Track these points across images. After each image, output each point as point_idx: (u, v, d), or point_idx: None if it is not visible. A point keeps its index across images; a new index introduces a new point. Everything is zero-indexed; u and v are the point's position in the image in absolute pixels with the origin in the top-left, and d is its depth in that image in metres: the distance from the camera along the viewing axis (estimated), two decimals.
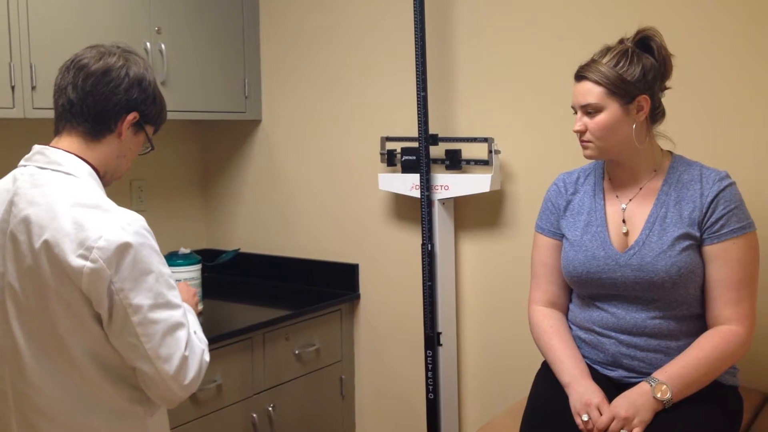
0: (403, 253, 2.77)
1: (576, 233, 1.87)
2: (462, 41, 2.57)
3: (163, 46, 2.62)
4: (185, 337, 1.49)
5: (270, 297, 2.94)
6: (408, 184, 2.60)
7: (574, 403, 1.74)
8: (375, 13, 2.76)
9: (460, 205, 2.63)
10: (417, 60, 2.48)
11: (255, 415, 2.51)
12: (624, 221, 1.82)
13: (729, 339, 1.71)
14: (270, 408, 2.57)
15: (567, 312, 1.95)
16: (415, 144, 2.55)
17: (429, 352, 2.56)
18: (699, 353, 1.71)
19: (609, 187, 1.88)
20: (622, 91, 1.72)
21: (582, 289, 1.87)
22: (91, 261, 1.40)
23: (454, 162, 2.56)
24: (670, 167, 1.81)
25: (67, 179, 1.49)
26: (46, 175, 1.50)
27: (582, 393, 1.73)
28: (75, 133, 1.54)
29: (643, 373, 1.75)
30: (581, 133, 1.79)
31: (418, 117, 2.51)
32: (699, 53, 2.13)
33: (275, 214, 3.11)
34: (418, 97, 2.50)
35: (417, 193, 2.57)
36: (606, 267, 1.78)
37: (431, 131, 2.55)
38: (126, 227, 1.44)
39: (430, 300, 2.55)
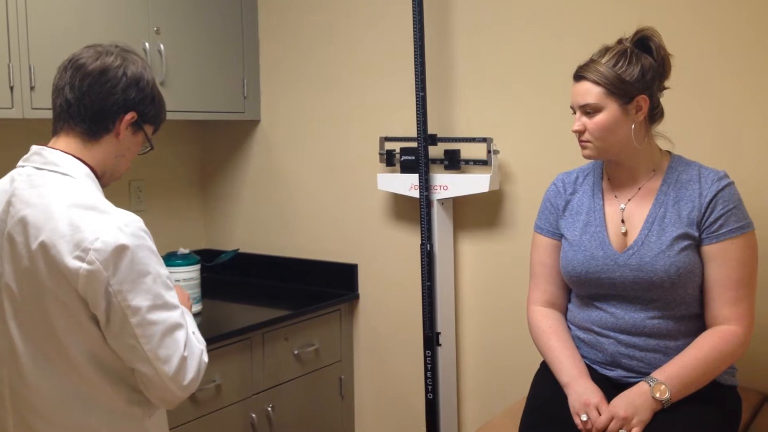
0: (402, 253, 2.77)
1: (575, 233, 1.87)
2: (461, 41, 2.57)
3: (162, 46, 2.62)
4: (184, 338, 1.49)
5: (269, 297, 2.94)
6: (407, 184, 2.60)
7: (572, 403, 1.74)
8: (374, 14, 2.76)
9: (459, 205, 2.63)
10: (416, 60, 2.48)
11: (254, 416, 2.51)
12: (623, 221, 1.82)
13: (728, 339, 1.71)
14: (269, 408, 2.57)
15: (566, 312, 1.95)
16: (414, 144, 2.55)
17: (428, 352, 2.56)
18: (698, 353, 1.71)
19: (608, 187, 1.88)
20: (620, 91, 1.72)
21: (581, 289, 1.87)
22: (88, 263, 1.40)
23: (453, 162, 2.56)
24: (668, 167, 1.81)
25: (64, 180, 1.48)
26: (42, 176, 1.49)
27: (581, 393, 1.73)
28: (72, 134, 1.53)
29: (642, 373, 1.75)
30: (580, 133, 1.79)
31: (417, 117, 2.51)
32: (698, 53, 2.13)
33: (274, 214, 3.11)
34: (417, 97, 2.50)
35: (416, 193, 2.57)
36: (605, 267, 1.78)
37: (430, 131, 2.55)
38: (123, 228, 1.43)
39: (429, 300, 2.55)
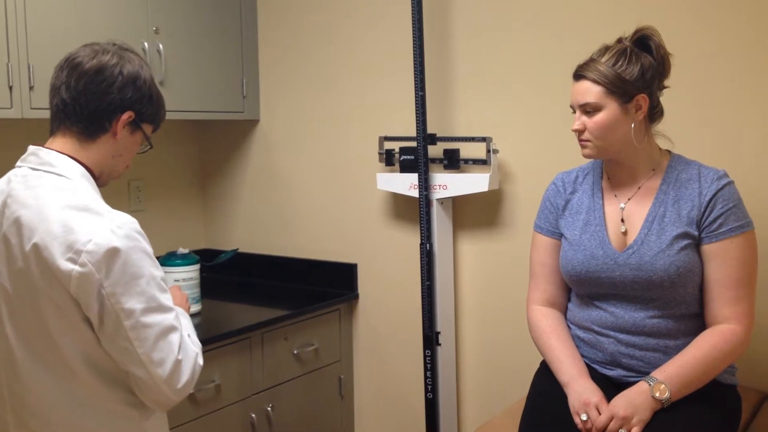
0: (402, 253, 2.76)
1: (575, 232, 1.86)
2: (460, 41, 2.57)
3: (161, 46, 2.62)
4: (178, 341, 1.48)
5: (269, 297, 2.93)
6: (406, 183, 2.60)
7: (572, 403, 1.74)
8: (373, 14, 2.76)
9: (458, 205, 2.63)
10: (415, 60, 2.48)
11: (254, 415, 2.51)
12: (622, 220, 1.82)
13: (727, 338, 1.71)
14: (269, 408, 2.56)
15: (566, 311, 1.95)
16: (414, 143, 2.55)
17: (428, 351, 2.56)
18: (697, 352, 1.71)
19: (608, 187, 1.88)
20: (620, 90, 1.72)
21: (581, 289, 1.87)
22: (80, 265, 1.38)
23: (452, 161, 2.56)
24: (668, 166, 1.81)
25: (59, 181, 1.47)
26: (38, 177, 1.48)
27: (581, 392, 1.73)
28: (69, 134, 1.52)
29: (642, 373, 1.75)
30: (580, 132, 1.79)
31: (416, 117, 2.51)
32: (697, 52, 2.13)
33: (274, 213, 3.11)
34: (416, 97, 2.49)
35: (415, 193, 2.57)
36: (605, 266, 1.78)
37: (429, 131, 2.55)
38: (116, 230, 1.41)
39: (428, 299, 2.55)
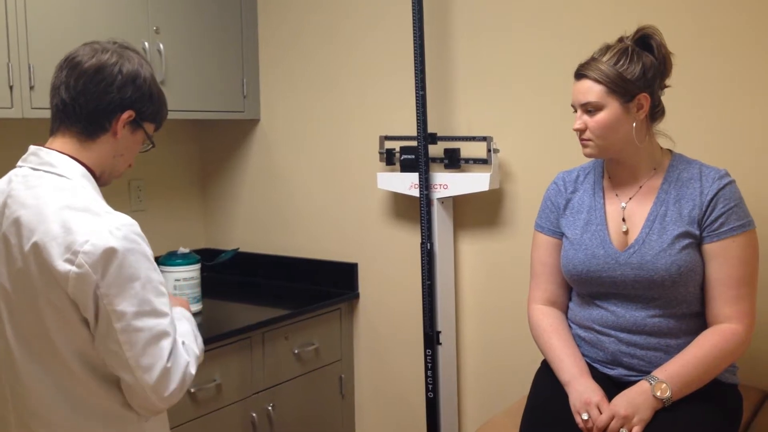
0: (403, 252, 2.76)
1: (576, 232, 1.86)
2: (461, 40, 2.57)
3: (162, 45, 2.62)
4: (169, 348, 1.45)
5: (269, 296, 2.93)
6: (407, 183, 2.60)
7: (573, 402, 1.74)
8: (374, 13, 2.76)
9: (459, 204, 2.63)
10: (416, 59, 2.48)
11: (254, 415, 2.51)
12: (624, 220, 1.82)
13: (728, 337, 1.71)
14: (269, 407, 2.56)
15: (567, 311, 1.95)
16: (414, 143, 2.55)
17: (428, 351, 2.56)
18: (698, 352, 1.71)
19: (609, 186, 1.88)
20: (622, 90, 1.72)
21: (582, 288, 1.86)
22: (77, 266, 1.37)
23: (452, 161, 2.55)
24: (669, 165, 1.81)
25: (59, 181, 1.46)
26: (38, 177, 1.48)
27: (582, 392, 1.73)
28: (69, 134, 1.51)
29: (643, 372, 1.75)
30: (581, 132, 1.79)
31: (416, 116, 2.50)
32: (698, 51, 2.13)
33: (274, 213, 3.11)
34: (416, 96, 2.49)
35: (416, 192, 2.57)
36: (606, 265, 1.78)
37: (430, 130, 2.55)
38: (114, 232, 1.40)
39: (429, 299, 2.55)
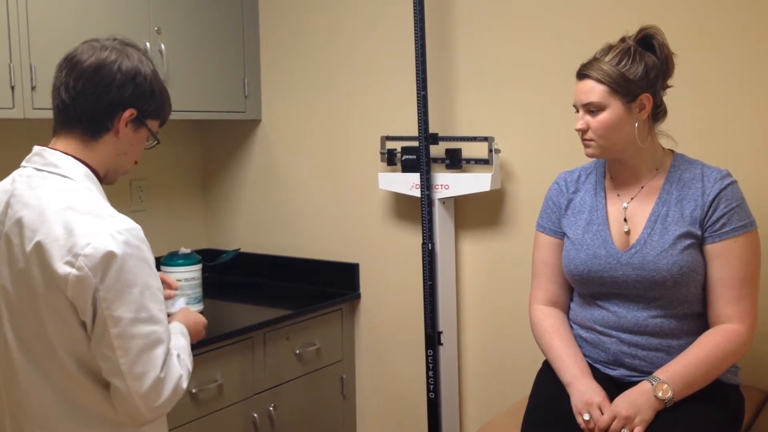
0: (404, 253, 2.76)
1: (577, 232, 1.86)
2: (462, 40, 2.57)
3: (163, 46, 2.62)
4: (163, 357, 1.42)
5: (270, 297, 2.93)
6: (408, 183, 2.60)
7: (575, 403, 1.74)
8: (375, 13, 2.76)
9: (460, 205, 2.63)
10: (417, 59, 2.48)
11: (256, 415, 2.51)
12: (625, 220, 1.81)
13: (730, 338, 1.71)
14: (271, 408, 2.56)
15: (568, 311, 1.95)
16: (416, 143, 2.55)
17: (429, 351, 2.55)
18: (700, 352, 1.70)
19: (610, 186, 1.87)
20: (624, 90, 1.72)
21: (583, 288, 1.86)
22: (77, 269, 1.36)
23: (454, 161, 2.55)
24: (671, 166, 1.81)
25: (63, 182, 1.45)
26: (42, 177, 1.47)
27: (583, 392, 1.73)
28: (71, 134, 1.50)
29: (645, 372, 1.75)
30: (583, 132, 1.79)
31: (418, 116, 2.50)
32: (700, 52, 2.13)
33: (275, 213, 3.11)
34: (418, 97, 2.49)
35: (417, 193, 2.57)
36: (607, 266, 1.78)
37: (431, 130, 2.55)
38: (116, 236, 1.38)
39: (430, 299, 2.55)
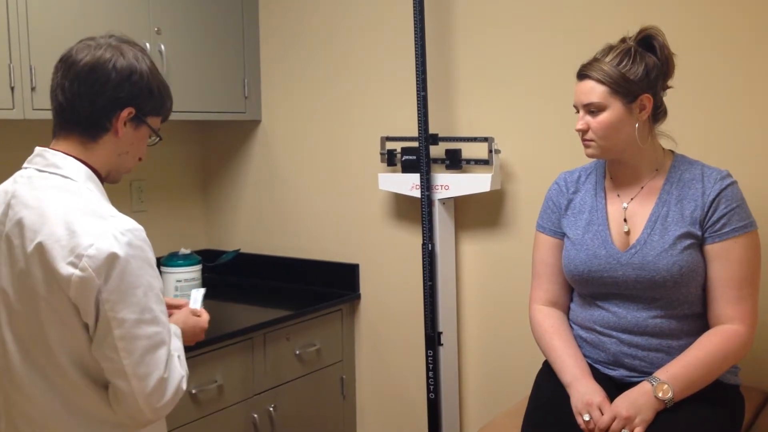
0: (404, 253, 2.76)
1: (577, 232, 1.86)
2: (462, 41, 2.57)
3: (163, 46, 2.61)
4: (165, 357, 1.43)
5: (270, 297, 2.93)
6: (408, 183, 2.60)
7: (575, 403, 1.74)
8: (375, 13, 2.76)
9: (460, 205, 2.63)
10: (417, 60, 2.48)
11: (256, 416, 2.51)
12: (625, 220, 1.81)
13: (731, 338, 1.71)
14: (271, 408, 2.56)
15: (568, 311, 1.95)
16: (415, 144, 2.55)
17: (430, 351, 2.55)
18: (700, 353, 1.71)
19: (610, 186, 1.87)
20: (624, 90, 1.72)
21: (583, 288, 1.86)
22: (80, 270, 1.35)
23: (454, 162, 2.55)
24: (671, 166, 1.81)
25: (64, 183, 1.45)
26: (43, 178, 1.46)
27: (583, 393, 1.73)
28: (71, 136, 1.49)
29: (645, 373, 1.75)
30: (583, 132, 1.79)
31: (418, 117, 2.50)
32: (701, 52, 2.13)
33: (275, 214, 3.11)
34: (418, 97, 2.49)
35: (417, 193, 2.57)
36: (607, 266, 1.78)
37: (431, 131, 2.55)
38: (119, 237, 1.38)
39: (430, 300, 2.55)
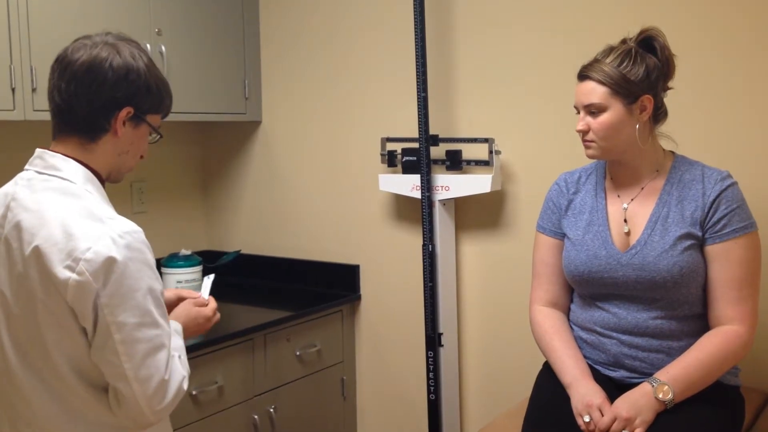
0: (404, 254, 2.76)
1: (577, 233, 1.86)
2: (462, 41, 2.57)
3: (164, 47, 2.62)
4: (166, 359, 1.42)
5: (271, 298, 2.93)
6: (409, 184, 2.60)
7: (575, 404, 1.74)
8: (375, 13, 2.76)
9: (460, 206, 2.63)
10: (417, 60, 2.48)
11: (256, 417, 2.51)
12: (625, 221, 1.81)
13: (731, 339, 1.71)
14: (271, 409, 2.56)
15: (568, 312, 1.95)
16: (416, 145, 2.55)
17: (430, 352, 2.55)
18: (701, 354, 1.71)
19: (611, 187, 1.87)
20: (625, 91, 1.72)
21: (583, 289, 1.86)
22: (78, 273, 1.33)
23: (454, 162, 2.55)
24: (672, 167, 1.81)
25: (63, 185, 1.43)
26: (43, 180, 1.45)
27: (583, 394, 1.73)
28: (70, 138, 1.48)
29: (645, 374, 1.75)
30: (584, 133, 1.79)
31: (418, 117, 2.50)
32: (701, 53, 2.13)
33: (276, 215, 3.11)
34: (418, 98, 2.49)
35: (418, 194, 2.57)
36: (607, 266, 1.78)
37: (432, 132, 2.55)
38: (117, 240, 1.36)
39: (431, 301, 2.55)
